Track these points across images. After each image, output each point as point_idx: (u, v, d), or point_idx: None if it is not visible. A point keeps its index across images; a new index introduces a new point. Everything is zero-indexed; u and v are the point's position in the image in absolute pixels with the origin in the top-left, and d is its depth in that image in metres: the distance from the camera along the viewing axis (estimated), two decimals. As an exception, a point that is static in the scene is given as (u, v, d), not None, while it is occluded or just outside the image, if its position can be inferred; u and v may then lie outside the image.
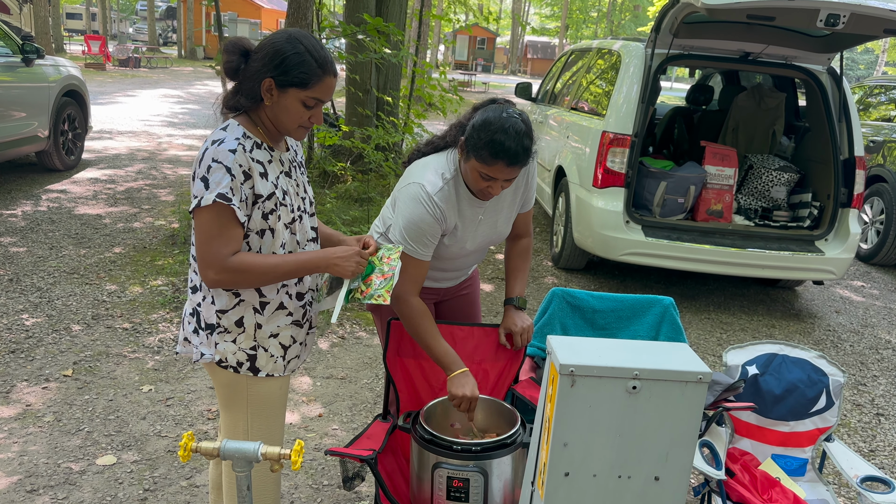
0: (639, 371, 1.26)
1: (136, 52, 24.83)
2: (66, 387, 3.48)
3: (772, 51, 5.26)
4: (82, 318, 4.25)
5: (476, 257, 2.37)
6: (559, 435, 1.28)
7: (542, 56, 48.34)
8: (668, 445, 1.30)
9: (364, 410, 3.53)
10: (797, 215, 5.52)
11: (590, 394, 1.27)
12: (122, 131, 10.98)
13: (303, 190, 1.95)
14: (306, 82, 1.74)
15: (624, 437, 1.30)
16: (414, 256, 2.14)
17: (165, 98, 16.08)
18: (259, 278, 1.76)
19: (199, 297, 1.85)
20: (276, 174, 1.84)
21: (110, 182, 7.60)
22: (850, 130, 5.15)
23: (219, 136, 1.76)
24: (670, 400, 1.28)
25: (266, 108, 1.81)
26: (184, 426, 3.24)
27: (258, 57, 1.75)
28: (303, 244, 1.92)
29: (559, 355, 1.28)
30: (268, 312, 1.86)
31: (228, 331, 1.84)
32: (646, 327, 2.76)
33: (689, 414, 1.29)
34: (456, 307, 2.53)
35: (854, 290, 6.25)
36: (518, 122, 1.98)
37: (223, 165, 1.70)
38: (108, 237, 5.74)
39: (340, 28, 5.80)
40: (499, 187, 2.05)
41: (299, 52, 1.74)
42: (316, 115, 1.82)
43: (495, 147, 1.96)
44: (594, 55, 6.45)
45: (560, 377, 1.26)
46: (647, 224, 5.10)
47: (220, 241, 1.71)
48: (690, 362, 1.30)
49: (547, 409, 1.34)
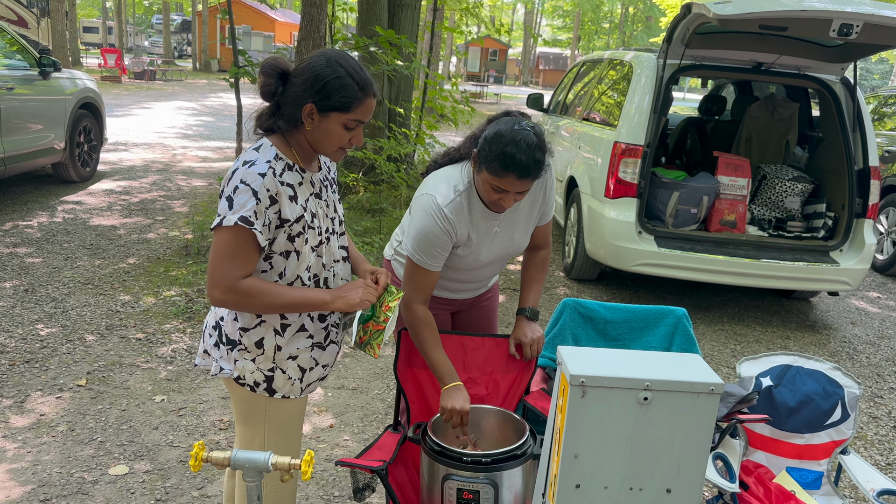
0: (650, 382, 1.25)
1: (152, 65, 25.10)
2: (79, 397, 3.50)
3: (784, 61, 5.24)
4: (96, 328, 4.28)
5: (493, 269, 2.36)
6: (570, 446, 1.28)
7: (553, 67, 48.42)
8: (680, 457, 1.29)
9: (375, 421, 3.52)
10: (811, 226, 5.48)
11: (601, 405, 1.26)
12: (138, 143, 11.08)
13: (332, 210, 1.95)
14: (348, 106, 1.74)
15: (635, 448, 1.29)
16: (423, 267, 2.15)
17: (180, 110, 16.22)
18: (264, 306, 1.75)
19: (223, 311, 1.86)
20: (306, 196, 1.83)
21: (125, 193, 7.66)
22: (865, 140, 5.11)
23: (250, 156, 1.76)
24: (682, 411, 1.27)
25: (306, 132, 1.80)
26: (196, 436, 3.24)
27: (298, 82, 1.75)
28: (329, 266, 1.91)
29: (570, 366, 1.27)
30: (288, 335, 1.86)
31: (248, 350, 1.84)
32: (658, 338, 2.74)
33: (701, 425, 1.28)
34: (472, 318, 2.53)
35: (870, 301, 6.19)
36: (530, 135, 1.98)
37: (250, 188, 1.70)
38: (122, 248, 5.78)
39: (353, 41, 5.83)
40: (511, 200, 2.05)
41: (340, 75, 1.73)
42: (356, 137, 1.82)
43: (506, 159, 1.96)
44: (606, 66, 6.45)
45: (571, 388, 1.25)
46: (660, 234, 5.08)
47: (233, 263, 1.71)
48: (702, 373, 1.29)
49: (557, 420, 1.33)
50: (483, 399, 2.36)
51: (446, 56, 32.45)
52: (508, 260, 2.42)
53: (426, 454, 2.03)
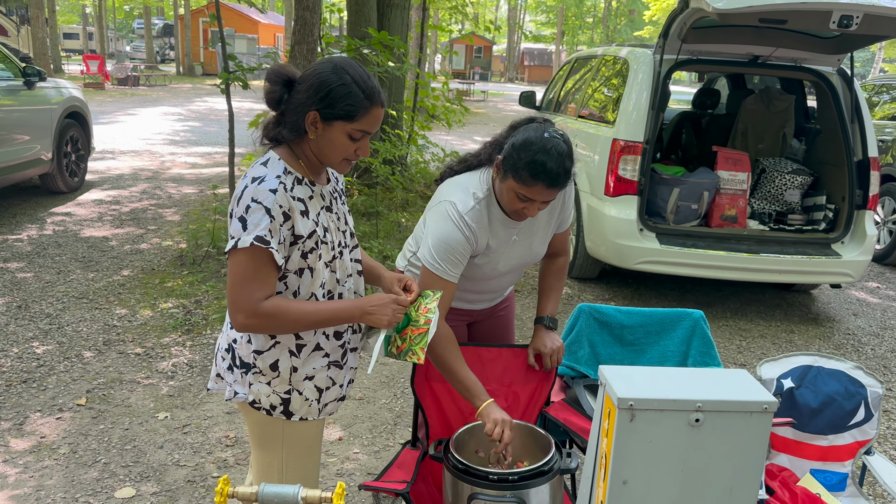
0: (702, 402, 1.20)
1: (135, 71, 24.86)
2: (80, 416, 3.42)
3: (781, 53, 5.21)
4: (93, 344, 4.19)
5: (511, 278, 2.30)
6: (618, 472, 1.22)
7: (539, 63, 48.40)
8: (731, 480, 1.24)
9: (384, 432, 3.45)
10: (812, 218, 5.45)
11: (650, 428, 1.20)
12: (125, 151, 10.94)
13: (343, 223, 1.88)
14: (353, 115, 1.67)
15: (686, 472, 1.23)
16: (442, 276, 2.08)
17: (166, 116, 16.06)
18: (290, 325, 1.68)
19: (237, 334, 1.79)
20: (317, 210, 1.77)
21: (115, 203, 7.55)
22: (864, 131, 5.09)
23: (259, 172, 1.69)
24: (734, 432, 1.22)
25: (310, 141, 1.73)
26: (202, 454, 3.17)
27: (302, 88, 1.68)
28: (343, 281, 1.85)
29: (616, 388, 1.21)
30: (304, 355, 1.79)
31: (263, 373, 1.77)
32: (676, 342, 2.69)
33: (754, 446, 1.22)
34: (489, 329, 2.47)
35: (869, 291, 6.18)
36: (560, 143, 1.92)
37: (262, 206, 1.63)
38: (115, 260, 5.68)
39: (344, 43, 5.75)
40: (535, 209, 1.99)
41: (346, 83, 1.66)
42: (362, 148, 1.75)
43: (536, 168, 1.90)
44: (600, 62, 6.40)
45: (618, 412, 1.19)
46: (662, 231, 5.04)
47: (253, 285, 1.64)
48: (754, 391, 1.24)
49: (602, 444, 1.27)
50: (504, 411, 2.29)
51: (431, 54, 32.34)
52: (524, 270, 2.36)
53: (450, 472, 1.96)
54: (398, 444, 3.35)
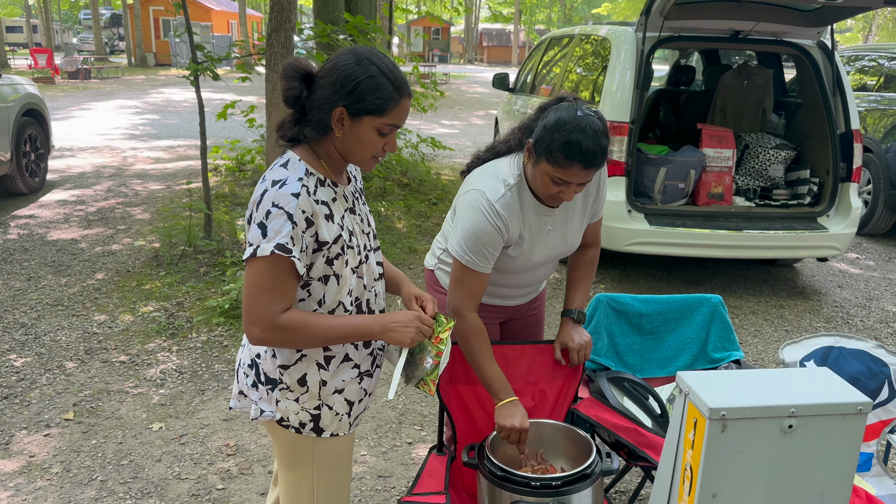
0: (795, 408, 1.12)
1: (86, 63, 24.06)
2: (69, 432, 3.25)
3: (762, 28, 5.18)
4: (75, 353, 4.00)
5: (545, 271, 2.21)
6: (707, 486, 1.14)
7: (497, 44, 48.20)
8: (823, 485, 1.17)
9: (390, 431, 3.36)
10: (796, 193, 5.47)
11: (742, 438, 1.13)
12: (84, 148, 10.57)
13: (366, 224, 1.76)
14: (383, 108, 1.55)
15: (777, 481, 1.16)
16: (472, 269, 1.98)
17: (122, 109, 15.58)
18: (309, 340, 1.57)
19: (260, 348, 1.66)
20: (342, 213, 1.65)
21: (80, 203, 7.26)
22: (846, 104, 5.09)
23: (279, 175, 1.56)
24: (827, 436, 1.15)
25: (335, 140, 1.61)
26: (203, 465, 3.03)
27: (325, 83, 1.56)
28: (370, 286, 1.73)
29: (705, 397, 1.13)
30: (333, 367, 1.67)
31: (291, 389, 1.65)
32: (695, 328, 2.64)
33: (847, 449, 1.16)
34: (523, 327, 2.37)
35: (850, 262, 6.24)
36: (595, 121, 1.83)
37: (284, 211, 1.51)
38: (87, 263, 5.46)
39: (317, 28, 5.56)
40: (572, 192, 1.89)
41: (373, 74, 1.54)
42: (390, 143, 1.63)
43: (571, 148, 1.80)
44: (578, 42, 6.32)
45: (709, 423, 1.11)
46: (650, 212, 4.99)
47: (271, 297, 1.52)
48: (846, 392, 1.17)
49: (687, 456, 1.19)
50: (531, 411, 2.21)
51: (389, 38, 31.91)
52: (558, 261, 2.26)
53: (488, 480, 1.88)
54: (405, 444, 3.26)
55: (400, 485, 2.95)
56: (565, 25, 40.97)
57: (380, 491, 2.91)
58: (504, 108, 8.34)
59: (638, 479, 2.98)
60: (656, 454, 2.04)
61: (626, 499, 2.87)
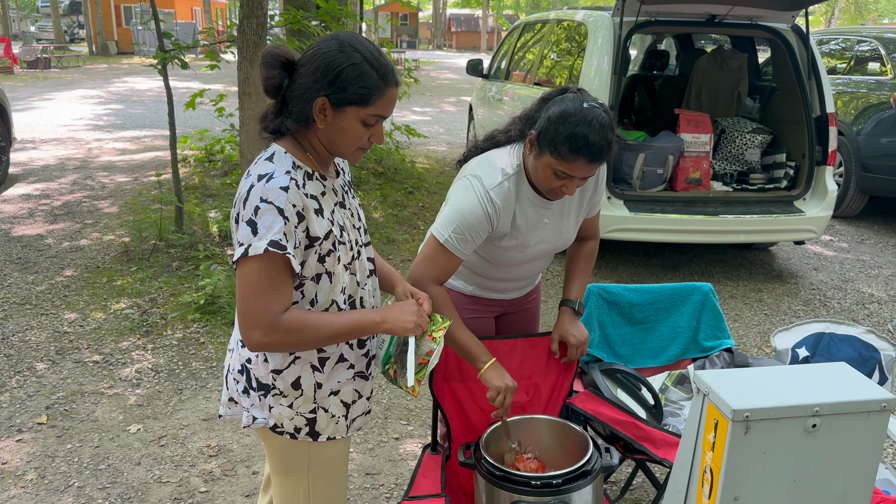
0: (819, 406, 1.08)
1: (45, 52, 23.41)
2: (43, 436, 3.13)
3: (737, 12, 5.16)
4: (45, 354, 3.86)
5: (540, 264, 2.15)
6: (730, 488, 1.10)
7: (466, 29, 47.97)
8: (845, 484, 1.14)
9: (376, 427, 3.30)
10: (772, 176, 5.49)
11: (765, 439, 1.09)
12: (46, 139, 10.26)
13: (357, 219, 1.69)
14: (367, 98, 1.48)
15: (799, 481, 1.12)
16: (448, 249, 1.91)
17: (85, 99, 15.18)
18: (311, 340, 1.50)
19: (250, 353, 1.58)
20: (331, 208, 1.57)
21: (45, 197, 7.05)
22: (821, 87, 5.11)
23: (265, 168, 1.48)
24: (851, 434, 1.11)
25: (318, 131, 1.53)
26: (185, 468, 2.95)
27: (306, 72, 1.47)
28: (363, 283, 1.66)
29: (728, 398, 1.08)
30: (328, 368, 1.61)
31: (284, 394, 1.58)
32: (686, 317, 2.61)
33: (870, 447, 1.12)
34: (519, 321, 2.32)
35: (824, 245, 6.31)
36: (601, 114, 1.77)
37: (274, 206, 1.43)
38: (55, 259, 5.29)
39: (287, 14, 5.43)
40: (574, 186, 1.84)
41: (356, 62, 1.46)
42: (377, 134, 1.55)
43: (577, 141, 1.74)
44: (553, 27, 6.26)
45: (731, 424, 1.07)
46: (629, 198, 4.98)
47: (269, 297, 1.44)
48: (868, 388, 1.14)
49: (706, 458, 1.15)
50: (525, 406, 2.16)
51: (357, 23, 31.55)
52: (554, 255, 2.21)
53: (486, 480, 1.82)
54: (392, 440, 3.20)
55: (388, 482, 2.89)
56: (534, 11, 40.89)
57: (368, 489, 2.85)
58: (478, 95, 8.27)
59: (629, 469, 2.96)
60: (654, 447, 2.01)
61: (616, 489, 2.85)
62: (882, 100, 6.57)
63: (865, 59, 7.19)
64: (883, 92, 6.62)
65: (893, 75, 6.66)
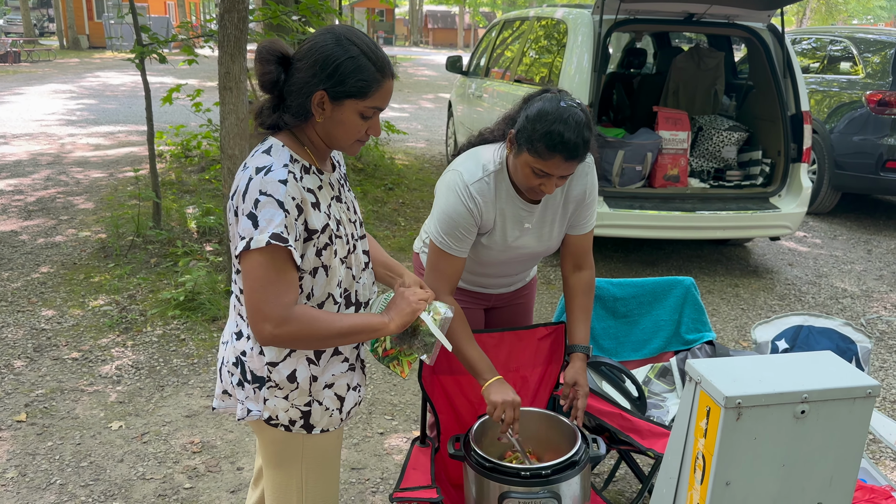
0: (808, 393, 1.12)
1: (15, 46, 23.00)
2: (22, 434, 3.10)
3: (714, 10, 5.23)
4: (23, 351, 3.81)
5: (523, 266, 2.17)
6: (721, 474, 1.13)
7: (442, 26, 47.96)
8: (832, 469, 1.17)
9: (360, 422, 3.30)
10: (749, 173, 5.57)
11: (755, 425, 1.12)
12: (18, 134, 10.09)
13: (353, 212, 1.70)
14: (366, 91, 1.49)
15: (788, 466, 1.16)
16: (447, 252, 1.95)
17: (57, 94, 14.94)
18: (323, 335, 1.50)
19: (245, 346, 1.59)
20: (328, 202, 1.58)
21: (17, 193, 6.93)
22: (796, 86, 5.20)
23: (263, 161, 1.49)
24: (838, 420, 1.15)
25: (316, 125, 1.54)
26: (168, 464, 2.93)
27: (303, 66, 1.48)
28: (358, 277, 1.67)
29: (720, 385, 1.11)
30: (323, 361, 1.62)
31: (280, 387, 1.58)
32: (668, 311, 2.65)
33: (855, 433, 1.16)
34: (509, 315, 2.34)
35: (798, 241, 6.42)
36: (577, 112, 1.79)
37: (274, 199, 1.43)
38: (30, 255, 5.21)
39: (267, 10, 5.40)
40: (552, 185, 1.86)
41: (353, 55, 1.47)
42: (374, 126, 1.56)
43: (553, 139, 1.76)
44: (533, 24, 6.29)
45: (724, 411, 1.10)
46: (609, 195, 5.03)
47: (278, 289, 1.45)
48: (855, 375, 1.17)
49: (699, 445, 1.18)
50: (513, 399, 2.18)
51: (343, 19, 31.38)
52: (539, 259, 2.22)
53: (476, 472, 1.85)
54: (377, 434, 3.21)
55: (374, 476, 2.90)
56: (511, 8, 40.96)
57: (354, 483, 2.86)
58: (458, 92, 8.28)
59: (612, 461, 2.99)
60: (640, 438, 2.05)
61: (600, 481, 2.89)
62: (854, 98, 6.70)
63: (838, 59, 7.32)
64: (854, 91, 6.75)
65: (865, 75, 6.80)
